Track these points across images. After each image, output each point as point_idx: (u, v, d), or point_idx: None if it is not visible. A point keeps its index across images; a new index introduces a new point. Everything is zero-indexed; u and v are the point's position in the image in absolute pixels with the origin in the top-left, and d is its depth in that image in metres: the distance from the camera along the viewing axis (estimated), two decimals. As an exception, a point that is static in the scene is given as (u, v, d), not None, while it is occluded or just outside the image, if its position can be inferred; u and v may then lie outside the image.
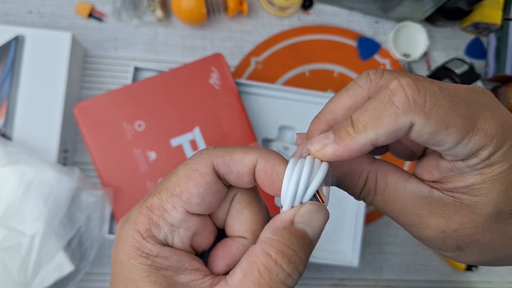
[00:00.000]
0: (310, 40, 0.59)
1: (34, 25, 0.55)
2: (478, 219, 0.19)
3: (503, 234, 0.19)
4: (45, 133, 0.48)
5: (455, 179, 0.19)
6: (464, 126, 0.18)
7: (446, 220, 0.19)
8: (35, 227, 0.43)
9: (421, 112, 0.17)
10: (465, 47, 0.62)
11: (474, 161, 0.18)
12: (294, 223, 0.18)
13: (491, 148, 0.18)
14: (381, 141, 0.18)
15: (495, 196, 0.18)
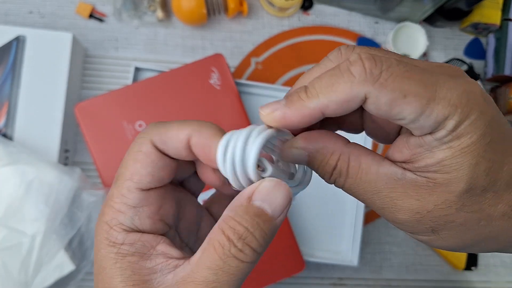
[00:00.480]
0: (310, 41, 0.59)
1: (34, 26, 0.55)
2: (452, 198, 0.18)
3: (477, 213, 0.19)
4: (46, 133, 0.48)
5: (425, 155, 0.18)
6: (423, 94, 0.17)
7: (420, 202, 0.19)
8: (36, 227, 0.43)
9: (376, 83, 0.17)
10: (464, 47, 0.63)
11: (441, 133, 0.18)
12: (252, 200, 0.18)
13: (456, 117, 0.17)
14: (332, 109, 0.18)
15: (466, 171, 0.18)
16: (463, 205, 0.18)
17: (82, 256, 0.46)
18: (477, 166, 0.18)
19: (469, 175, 0.18)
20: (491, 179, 0.18)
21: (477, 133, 0.17)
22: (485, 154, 0.18)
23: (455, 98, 0.17)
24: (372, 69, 0.17)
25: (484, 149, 0.18)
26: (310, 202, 0.51)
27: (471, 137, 0.17)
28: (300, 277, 0.56)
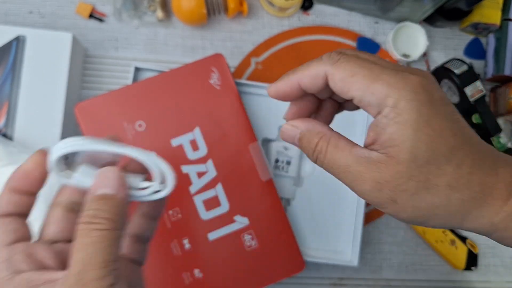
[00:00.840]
0: (310, 41, 0.59)
1: (34, 26, 0.55)
2: (401, 168, 0.22)
3: (425, 182, 0.22)
4: (46, 133, 0.48)
5: (381, 133, 0.22)
6: (368, 76, 0.22)
7: (380, 174, 0.22)
8: (35, 227, 0.43)
9: (334, 64, 0.23)
10: (464, 47, 0.63)
11: (386, 110, 0.22)
12: (95, 193, 0.23)
13: (395, 95, 0.21)
14: (305, 82, 0.24)
15: (409, 143, 0.21)
16: (411, 175, 0.22)
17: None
18: (417, 139, 0.21)
19: (411, 146, 0.21)
20: (432, 152, 0.22)
21: (415, 110, 0.21)
22: (423, 129, 0.21)
23: (393, 81, 0.22)
24: (334, 56, 0.23)
25: (423, 125, 0.21)
26: (310, 203, 0.51)
27: (410, 114, 0.21)
28: (300, 277, 0.56)
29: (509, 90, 0.58)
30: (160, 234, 0.45)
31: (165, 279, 0.45)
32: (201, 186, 0.46)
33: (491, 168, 0.22)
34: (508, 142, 0.62)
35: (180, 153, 0.46)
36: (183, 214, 0.46)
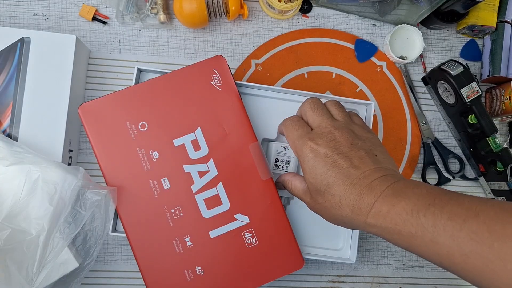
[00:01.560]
0: (309, 43, 0.60)
1: (38, 28, 0.56)
2: (310, 195, 0.40)
3: (320, 203, 0.38)
4: (50, 134, 0.49)
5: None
6: (291, 139, 0.42)
7: (306, 198, 0.41)
8: (40, 226, 0.44)
9: (283, 123, 0.44)
10: (461, 49, 0.64)
11: (300, 159, 0.41)
12: None
13: (298, 155, 0.40)
14: (280, 132, 0.46)
15: (309, 184, 0.39)
16: (315, 200, 0.39)
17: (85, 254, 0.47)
18: (308, 180, 0.39)
19: (309, 182, 0.39)
20: (317, 187, 0.38)
21: (302, 164, 0.40)
22: (311, 178, 0.38)
23: (299, 146, 0.40)
24: (287, 119, 0.45)
25: (310, 175, 0.38)
26: (309, 201, 0.52)
27: (302, 165, 0.40)
28: (299, 275, 0.57)
29: (504, 91, 0.59)
30: (162, 232, 0.46)
31: (167, 276, 0.46)
32: (202, 185, 0.47)
33: (359, 194, 0.35)
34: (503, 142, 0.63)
35: (182, 153, 0.47)
36: (185, 212, 0.47)
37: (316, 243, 0.52)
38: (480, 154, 0.59)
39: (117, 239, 0.55)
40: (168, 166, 0.47)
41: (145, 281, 0.46)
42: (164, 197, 0.46)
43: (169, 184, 0.47)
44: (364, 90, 0.61)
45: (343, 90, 0.60)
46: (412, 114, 0.62)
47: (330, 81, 0.60)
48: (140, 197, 0.46)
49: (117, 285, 0.55)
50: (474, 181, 0.62)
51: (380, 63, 0.61)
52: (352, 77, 0.61)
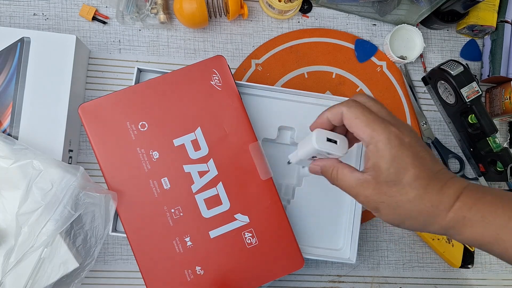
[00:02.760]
0: (309, 43, 0.60)
1: (39, 28, 0.56)
2: (377, 187, 0.33)
3: (393, 197, 0.33)
4: (50, 134, 0.49)
5: (367, 161, 0.33)
6: (363, 121, 0.33)
7: (366, 190, 0.34)
8: (31, 223, 0.44)
9: (348, 107, 0.34)
10: (461, 49, 0.63)
11: (370, 147, 0.33)
12: None
13: (375, 139, 0.33)
14: (330, 117, 0.36)
15: (383, 171, 0.33)
16: (383, 192, 0.33)
17: (86, 254, 0.47)
18: (388, 169, 0.33)
19: (385, 173, 0.33)
20: (397, 178, 0.33)
21: (387, 151, 0.32)
22: (393, 163, 0.32)
23: (377, 129, 0.33)
24: (350, 101, 0.35)
25: (392, 160, 0.32)
26: (309, 201, 0.52)
27: (385, 152, 0.32)
28: (299, 274, 0.57)
29: (504, 91, 0.59)
30: (163, 232, 0.46)
31: (167, 275, 0.46)
32: (202, 185, 0.47)
33: (441, 188, 0.33)
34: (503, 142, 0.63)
35: (182, 153, 0.47)
36: (185, 212, 0.47)
37: (316, 243, 0.52)
38: (480, 154, 0.59)
39: (117, 239, 0.55)
40: (168, 166, 0.47)
41: (145, 281, 0.46)
42: (164, 197, 0.46)
43: (169, 184, 0.47)
44: (364, 90, 0.61)
45: (343, 90, 0.60)
46: (412, 114, 0.62)
47: (330, 81, 0.60)
48: (140, 197, 0.46)
49: (117, 285, 0.55)
50: (474, 181, 0.62)
51: (380, 63, 0.61)
52: (352, 77, 0.61)
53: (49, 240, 0.45)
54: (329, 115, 0.35)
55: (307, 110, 0.53)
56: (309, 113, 0.53)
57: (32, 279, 0.45)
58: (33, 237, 0.44)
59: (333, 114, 0.35)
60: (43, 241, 0.44)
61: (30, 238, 0.44)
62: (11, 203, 0.45)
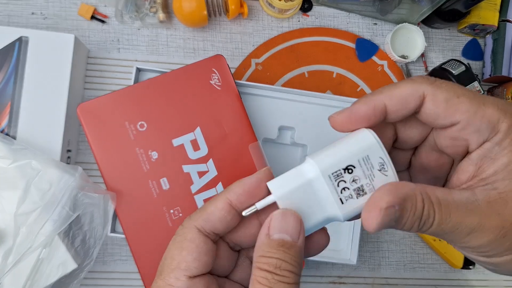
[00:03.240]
0: (309, 42, 0.60)
1: (37, 27, 0.56)
2: None
3: None
4: (48, 134, 0.49)
5: (490, 163, 0.18)
6: (474, 98, 0.19)
7: (500, 216, 0.18)
8: (29, 222, 0.44)
9: (432, 84, 0.19)
10: (462, 48, 0.63)
11: (498, 136, 0.18)
12: (270, 235, 0.20)
13: (508, 120, 0.18)
14: (393, 103, 0.20)
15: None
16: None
17: (84, 255, 0.47)
18: None
19: None
20: None
21: None
22: None
23: (502, 105, 0.19)
24: (428, 77, 0.20)
25: None
26: (309, 201, 0.52)
27: None
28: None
29: (506, 90, 0.59)
30: (162, 233, 0.46)
31: (167, 277, 0.46)
32: (202, 186, 0.46)
33: None
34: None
35: (181, 153, 0.46)
36: (184, 213, 0.46)
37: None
38: (481, 154, 0.59)
39: (116, 240, 0.55)
40: (167, 166, 0.46)
41: (144, 282, 0.46)
42: (163, 197, 0.46)
43: (168, 185, 0.46)
44: (365, 89, 0.60)
45: (344, 89, 0.60)
46: (413, 113, 0.61)
47: (330, 81, 0.60)
48: (139, 197, 0.46)
49: (116, 285, 0.55)
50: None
51: (381, 62, 0.61)
52: (353, 77, 0.60)
53: (47, 241, 0.44)
54: (393, 101, 0.20)
55: (307, 110, 0.52)
56: (310, 113, 0.53)
57: (31, 280, 0.44)
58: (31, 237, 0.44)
59: (401, 98, 0.20)
60: (42, 242, 0.44)
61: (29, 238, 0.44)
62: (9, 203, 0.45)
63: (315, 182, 0.21)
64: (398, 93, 0.20)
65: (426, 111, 0.20)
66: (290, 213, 0.21)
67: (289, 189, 0.21)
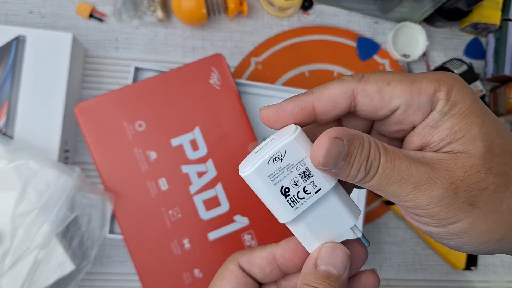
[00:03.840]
0: (309, 41, 0.59)
1: (35, 26, 0.55)
2: (477, 161, 0.18)
3: (504, 176, 0.18)
4: (46, 133, 0.48)
5: (435, 132, 0.19)
6: (405, 79, 0.19)
7: (450, 172, 0.18)
8: (27, 223, 0.44)
9: (360, 80, 0.20)
10: (464, 47, 0.63)
11: (440, 105, 0.19)
12: (317, 266, 0.21)
13: (444, 88, 0.19)
14: (323, 103, 0.20)
15: (477, 130, 0.18)
16: (490, 167, 0.18)
17: (82, 256, 0.46)
18: (485, 124, 0.18)
19: (481, 133, 0.18)
20: (503, 139, 0.18)
21: (470, 98, 0.19)
22: (486, 115, 0.19)
23: (433, 75, 0.19)
24: (357, 74, 0.20)
25: (483, 111, 0.19)
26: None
27: (466, 102, 0.19)
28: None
29: (508, 90, 0.58)
30: (160, 234, 0.46)
31: (165, 278, 0.45)
32: (201, 186, 0.46)
33: None
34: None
35: (180, 153, 0.46)
36: (183, 214, 0.46)
37: (317, 245, 0.52)
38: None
39: (114, 241, 0.55)
40: (166, 167, 0.46)
41: (143, 283, 0.46)
42: (161, 198, 0.46)
43: (167, 185, 0.46)
44: (366, 89, 0.60)
45: (345, 89, 0.59)
46: (414, 113, 0.61)
47: (331, 80, 0.59)
48: (137, 198, 0.46)
49: (114, 287, 0.54)
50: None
51: (383, 61, 0.61)
52: (354, 76, 0.60)
53: (45, 242, 0.44)
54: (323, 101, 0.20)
55: (308, 110, 0.52)
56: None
57: (28, 282, 0.44)
58: (29, 239, 0.44)
59: (330, 98, 0.20)
60: (39, 243, 0.44)
61: (26, 240, 0.44)
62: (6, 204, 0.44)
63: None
64: (327, 94, 0.20)
65: (363, 108, 0.20)
66: (340, 248, 0.21)
67: None
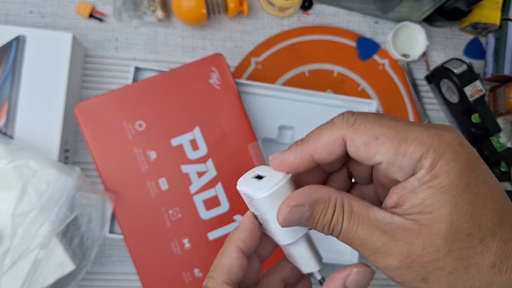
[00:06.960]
0: (309, 40, 0.59)
1: (34, 25, 0.55)
2: (438, 241, 0.18)
3: (465, 260, 0.18)
4: (46, 133, 0.48)
5: (410, 197, 0.19)
6: (394, 136, 0.19)
7: (409, 245, 0.19)
8: (26, 223, 0.44)
9: (351, 127, 0.20)
10: (464, 47, 0.63)
11: (421, 173, 0.18)
12: (346, 287, 0.22)
13: (431, 156, 0.18)
14: (320, 152, 0.21)
15: (447, 211, 0.18)
16: (450, 250, 0.18)
17: (82, 256, 0.46)
18: (457, 206, 0.18)
19: (450, 215, 0.18)
20: (475, 223, 0.18)
21: (454, 173, 0.18)
22: (464, 195, 0.18)
23: (426, 139, 0.18)
24: (348, 118, 0.20)
25: (462, 190, 0.18)
26: (309, 202, 0.52)
27: (448, 176, 0.18)
28: None
29: (508, 89, 0.58)
30: (160, 234, 0.46)
31: (165, 278, 0.45)
32: (201, 186, 0.46)
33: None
34: (507, 142, 0.62)
35: (180, 153, 0.46)
36: (183, 213, 0.46)
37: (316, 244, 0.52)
38: (483, 154, 0.58)
39: (114, 241, 0.55)
40: (166, 166, 0.46)
41: (143, 283, 0.46)
42: (161, 198, 0.46)
43: (167, 185, 0.46)
44: (366, 88, 0.60)
45: (345, 88, 0.59)
46: (415, 113, 0.61)
47: (331, 80, 0.59)
48: (137, 198, 0.46)
49: (114, 287, 0.54)
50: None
51: (382, 61, 0.61)
52: (354, 76, 0.60)
53: (45, 242, 0.44)
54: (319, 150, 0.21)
55: (308, 109, 0.52)
56: (310, 112, 0.52)
57: (28, 282, 0.44)
58: (29, 238, 0.44)
59: (325, 147, 0.21)
60: (39, 243, 0.44)
61: (26, 239, 0.44)
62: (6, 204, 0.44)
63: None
64: (321, 143, 0.21)
65: (352, 154, 0.20)
66: (370, 272, 0.22)
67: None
